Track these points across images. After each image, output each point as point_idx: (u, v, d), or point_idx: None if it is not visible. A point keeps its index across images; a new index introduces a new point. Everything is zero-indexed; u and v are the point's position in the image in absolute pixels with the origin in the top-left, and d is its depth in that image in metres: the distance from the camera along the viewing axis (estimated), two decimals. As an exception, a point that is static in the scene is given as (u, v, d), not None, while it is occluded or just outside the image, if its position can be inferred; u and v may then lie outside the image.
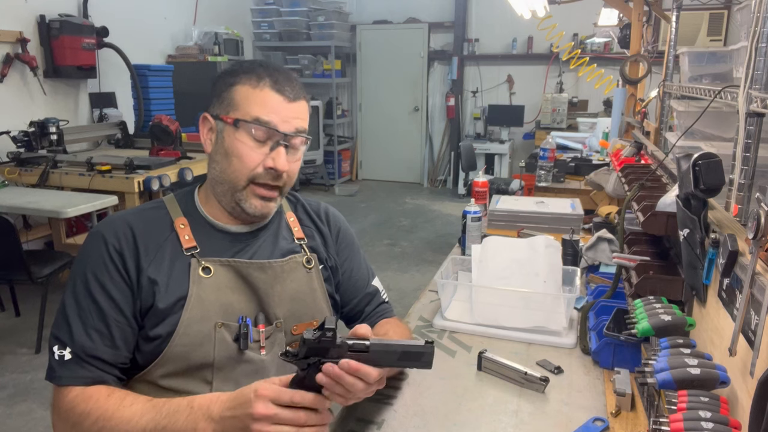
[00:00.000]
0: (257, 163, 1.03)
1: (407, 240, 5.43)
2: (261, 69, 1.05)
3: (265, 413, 0.82)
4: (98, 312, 1.00)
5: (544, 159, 3.25)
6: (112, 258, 1.02)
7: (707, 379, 0.86)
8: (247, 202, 1.05)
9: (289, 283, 1.11)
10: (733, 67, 1.85)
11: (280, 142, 1.03)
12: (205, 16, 6.42)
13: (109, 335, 0.99)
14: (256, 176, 1.04)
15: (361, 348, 0.85)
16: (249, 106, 1.03)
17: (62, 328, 1.00)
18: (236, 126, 1.03)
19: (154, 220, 1.08)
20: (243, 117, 1.02)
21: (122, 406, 0.93)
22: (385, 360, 0.87)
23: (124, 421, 0.92)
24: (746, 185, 1.10)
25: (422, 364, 0.87)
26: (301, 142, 1.07)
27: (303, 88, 1.09)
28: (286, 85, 1.04)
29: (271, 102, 1.03)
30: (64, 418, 0.97)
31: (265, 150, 1.03)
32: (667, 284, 1.26)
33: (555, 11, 4.50)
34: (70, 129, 4.42)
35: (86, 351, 0.98)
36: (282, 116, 1.03)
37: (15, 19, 4.31)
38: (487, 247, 1.63)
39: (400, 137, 7.87)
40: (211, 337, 1.03)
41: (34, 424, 2.55)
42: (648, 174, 1.75)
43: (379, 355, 0.86)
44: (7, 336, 3.39)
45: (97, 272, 1.01)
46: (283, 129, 1.03)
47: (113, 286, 1.01)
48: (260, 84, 1.03)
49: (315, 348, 0.84)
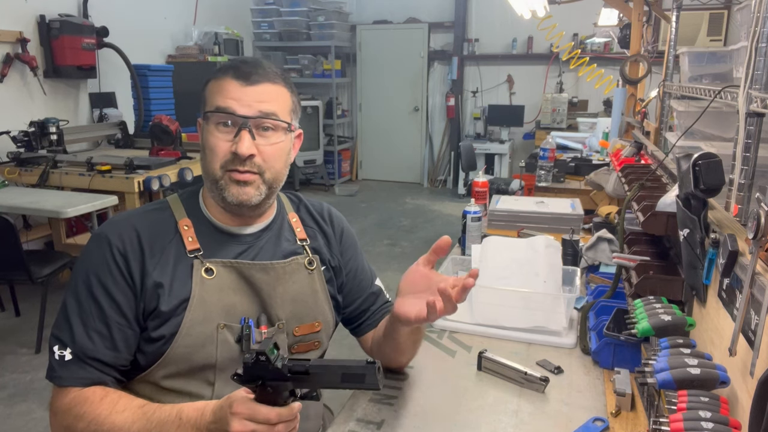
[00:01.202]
0: (226, 150, 1.03)
1: (407, 240, 5.43)
2: (230, 62, 1.06)
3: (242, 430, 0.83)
4: (100, 314, 1.00)
5: (544, 159, 3.25)
6: (116, 261, 1.02)
7: (707, 379, 0.86)
8: (226, 190, 1.04)
9: (291, 284, 1.11)
10: (733, 67, 1.84)
11: (243, 126, 1.02)
12: (205, 16, 6.42)
13: (110, 337, 1.00)
14: (226, 163, 1.03)
15: (300, 370, 0.83)
16: (212, 97, 1.04)
17: (63, 328, 1.00)
18: (206, 120, 1.05)
19: (158, 222, 1.08)
20: (208, 109, 1.04)
21: (114, 412, 0.94)
22: (327, 381, 0.84)
23: (115, 427, 0.93)
24: (746, 185, 1.10)
25: (367, 385, 0.83)
26: (272, 125, 1.04)
27: (277, 74, 1.07)
28: (251, 71, 1.04)
29: (228, 88, 1.03)
30: (60, 419, 0.98)
31: (232, 137, 1.03)
32: (667, 284, 1.26)
33: (555, 11, 4.50)
34: (70, 129, 4.42)
35: (87, 352, 0.98)
36: (241, 100, 1.02)
37: (15, 19, 4.30)
38: (487, 247, 1.63)
39: (400, 137, 7.87)
40: (214, 339, 1.04)
41: (34, 424, 2.55)
42: (648, 174, 1.75)
43: (318, 377, 0.84)
44: (7, 336, 3.38)
45: (100, 274, 1.01)
46: (242, 112, 1.02)
47: (116, 289, 1.01)
48: (224, 75, 1.04)
49: (254, 372, 0.83)
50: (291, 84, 1.10)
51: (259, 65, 1.06)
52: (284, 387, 0.84)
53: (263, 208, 1.12)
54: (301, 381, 0.84)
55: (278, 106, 1.05)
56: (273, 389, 0.84)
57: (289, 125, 1.08)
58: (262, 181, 1.05)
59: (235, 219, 1.11)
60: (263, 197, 1.07)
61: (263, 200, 1.07)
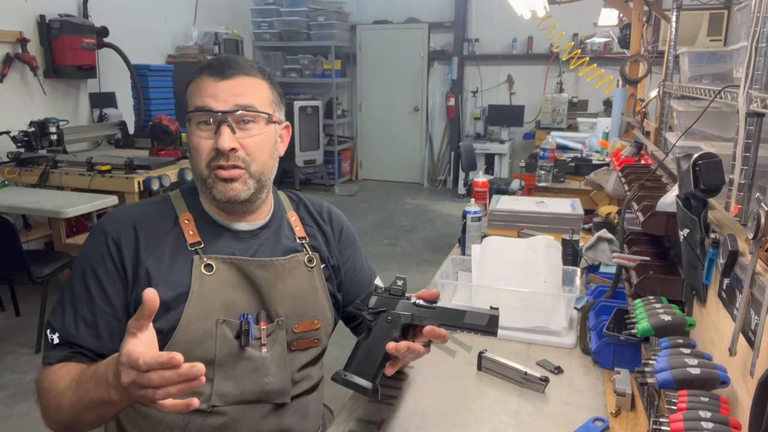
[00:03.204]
0: (209, 148, 1.03)
1: (407, 240, 5.43)
2: (205, 62, 1.07)
3: (128, 380, 0.78)
4: (89, 302, 1.03)
5: (544, 159, 3.25)
6: (110, 250, 1.04)
7: (707, 379, 0.86)
8: (214, 188, 1.05)
9: (290, 281, 1.12)
10: (733, 67, 1.85)
11: (222, 121, 1.02)
12: (205, 16, 6.42)
13: (95, 325, 1.02)
14: (211, 161, 1.04)
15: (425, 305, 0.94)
16: (191, 98, 1.05)
17: (57, 314, 1.04)
18: (188, 122, 1.06)
19: (157, 214, 1.10)
20: (189, 110, 1.05)
21: (61, 378, 0.96)
22: (449, 318, 0.93)
23: (62, 393, 0.94)
24: (746, 185, 1.10)
25: (486, 330, 0.93)
26: (252, 117, 1.04)
27: (253, 67, 1.07)
28: (224, 66, 1.04)
29: (204, 86, 1.03)
30: (39, 395, 1.01)
31: (213, 134, 1.03)
32: (667, 284, 1.26)
33: (555, 11, 4.50)
34: (70, 129, 4.42)
35: (70, 338, 1.02)
36: (217, 96, 1.02)
37: (15, 19, 4.31)
38: (487, 247, 1.63)
39: (400, 137, 7.87)
40: (213, 334, 1.04)
41: (34, 424, 2.54)
42: (648, 174, 1.75)
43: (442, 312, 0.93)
44: (7, 336, 3.38)
45: (93, 263, 1.04)
46: (218, 108, 1.02)
47: (107, 278, 1.03)
48: (200, 75, 1.05)
49: (382, 303, 0.94)
50: (270, 76, 1.10)
51: (233, 59, 1.06)
52: (402, 321, 0.94)
53: (256, 203, 1.11)
54: (423, 315, 0.93)
55: (256, 98, 1.05)
56: (392, 321, 0.93)
57: (270, 116, 1.07)
58: (249, 175, 1.05)
59: (231, 215, 1.12)
60: (252, 191, 1.06)
61: (253, 194, 1.07)
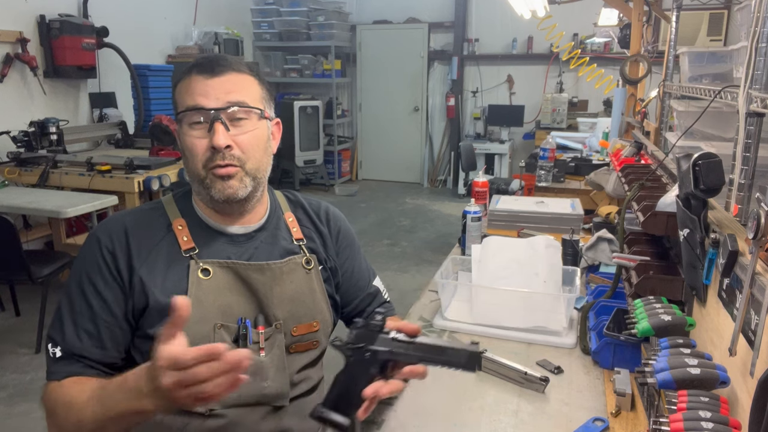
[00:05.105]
0: (204, 148, 1.02)
1: (407, 240, 5.43)
2: (193, 62, 1.06)
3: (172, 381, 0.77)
4: (89, 313, 1.02)
5: (544, 159, 3.25)
6: (105, 258, 1.03)
7: (707, 379, 0.86)
8: (212, 188, 1.04)
9: (288, 284, 1.11)
10: (733, 67, 1.85)
11: (215, 118, 1.01)
12: (205, 16, 6.42)
13: (98, 336, 1.02)
14: (207, 161, 1.03)
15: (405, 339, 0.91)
16: (181, 98, 1.04)
17: (56, 327, 1.03)
18: (180, 123, 1.05)
19: (150, 221, 1.09)
20: (180, 110, 1.04)
21: (81, 392, 0.94)
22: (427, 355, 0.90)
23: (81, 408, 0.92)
24: (746, 185, 1.10)
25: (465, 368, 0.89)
26: (244, 113, 1.03)
27: (242, 64, 1.06)
28: (214, 64, 1.03)
29: (194, 85, 1.02)
30: (46, 410, 1.00)
31: (207, 133, 1.02)
32: (667, 284, 1.26)
33: (555, 11, 4.49)
34: (70, 129, 4.42)
35: (74, 350, 1.01)
36: (208, 94, 1.02)
37: (15, 19, 4.30)
38: (487, 247, 1.63)
39: (400, 137, 7.87)
40: (211, 339, 1.03)
41: (34, 424, 2.54)
42: (648, 174, 1.75)
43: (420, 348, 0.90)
44: (7, 336, 3.39)
45: (90, 273, 1.03)
46: (211, 105, 1.01)
47: (105, 287, 1.03)
48: (188, 75, 1.04)
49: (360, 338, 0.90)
50: (258, 73, 1.10)
51: (222, 57, 1.06)
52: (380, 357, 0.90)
53: (252, 202, 1.10)
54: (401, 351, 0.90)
55: (247, 95, 1.05)
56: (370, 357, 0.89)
57: (262, 111, 1.07)
58: (245, 173, 1.05)
59: (227, 218, 1.10)
60: (249, 189, 1.06)
61: (250, 193, 1.07)
